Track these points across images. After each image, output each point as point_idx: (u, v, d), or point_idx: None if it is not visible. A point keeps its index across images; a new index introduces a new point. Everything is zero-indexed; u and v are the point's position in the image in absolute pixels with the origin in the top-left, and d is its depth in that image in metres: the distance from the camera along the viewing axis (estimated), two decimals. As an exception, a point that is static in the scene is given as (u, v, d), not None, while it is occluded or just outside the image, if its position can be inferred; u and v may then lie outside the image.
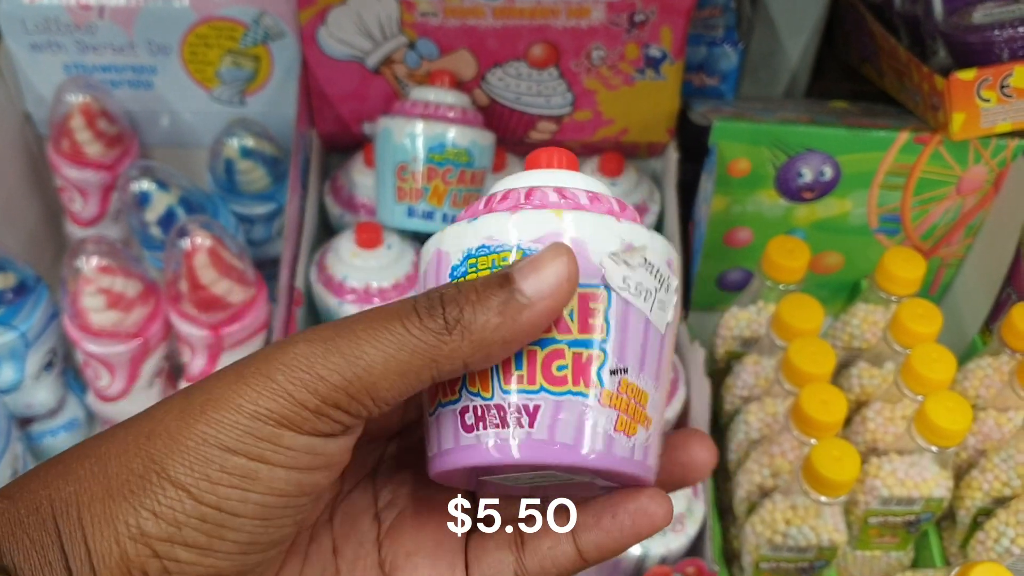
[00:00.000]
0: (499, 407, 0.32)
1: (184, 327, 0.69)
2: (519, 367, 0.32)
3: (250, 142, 0.78)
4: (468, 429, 0.32)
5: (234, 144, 0.78)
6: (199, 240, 0.66)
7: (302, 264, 0.79)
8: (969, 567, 0.55)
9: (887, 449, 0.66)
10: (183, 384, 0.74)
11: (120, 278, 0.66)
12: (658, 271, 0.33)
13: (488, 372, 0.32)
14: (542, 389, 0.32)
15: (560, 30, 0.79)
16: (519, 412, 0.32)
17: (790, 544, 0.63)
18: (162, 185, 0.74)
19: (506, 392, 0.32)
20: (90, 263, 0.66)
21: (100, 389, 0.72)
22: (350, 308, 0.79)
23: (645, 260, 0.33)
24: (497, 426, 0.32)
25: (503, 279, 0.31)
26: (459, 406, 0.32)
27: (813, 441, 0.62)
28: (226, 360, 0.71)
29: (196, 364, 0.71)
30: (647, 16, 0.79)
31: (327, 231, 0.88)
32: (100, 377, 0.72)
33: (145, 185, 0.73)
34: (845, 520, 0.63)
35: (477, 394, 0.32)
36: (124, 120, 0.81)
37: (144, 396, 0.73)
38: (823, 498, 0.60)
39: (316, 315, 0.82)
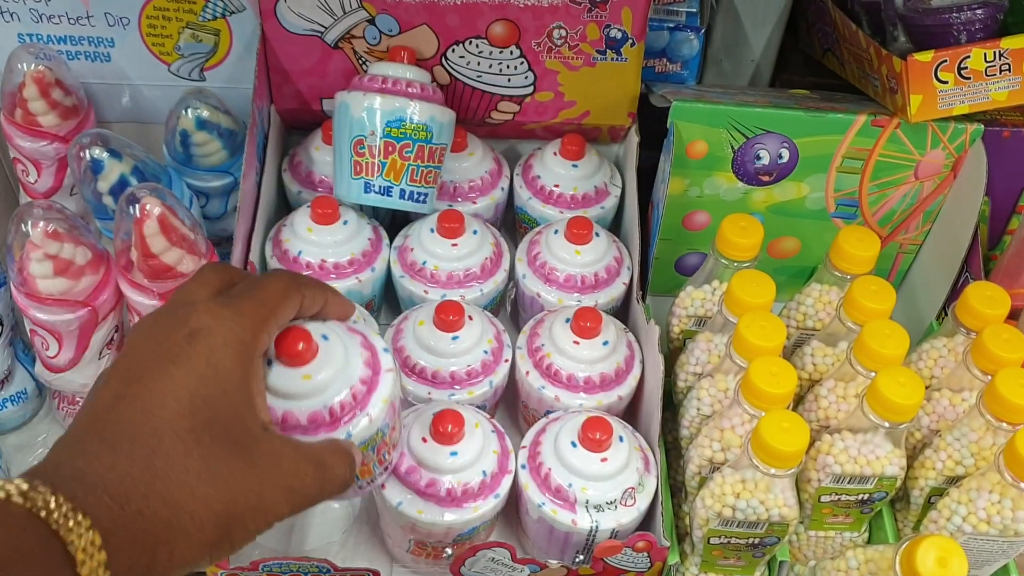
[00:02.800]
0: None
1: (135, 296, 0.68)
2: None
3: (205, 113, 0.78)
4: None
5: (189, 115, 0.77)
6: (148, 207, 0.65)
7: (257, 239, 0.79)
8: (917, 541, 0.55)
9: (839, 427, 0.66)
10: None
11: (69, 244, 0.65)
12: None
13: None
14: None
15: (521, 8, 0.79)
16: None
17: (740, 518, 0.62)
18: (115, 153, 0.72)
19: None
20: (36, 228, 0.65)
21: (48, 359, 0.71)
22: (305, 284, 0.78)
23: None
24: None
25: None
26: None
27: (763, 414, 0.62)
28: None
29: None
30: (608, -4, 0.79)
31: (285, 209, 0.88)
32: (48, 346, 0.70)
33: (97, 152, 0.72)
34: (797, 498, 0.63)
35: None
36: (80, 92, 0.80)
37: (93, 367, 0.71)
38: (772, 470, 0.59)
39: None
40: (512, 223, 0.92)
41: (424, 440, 0.66)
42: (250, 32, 0.82)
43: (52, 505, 0.38)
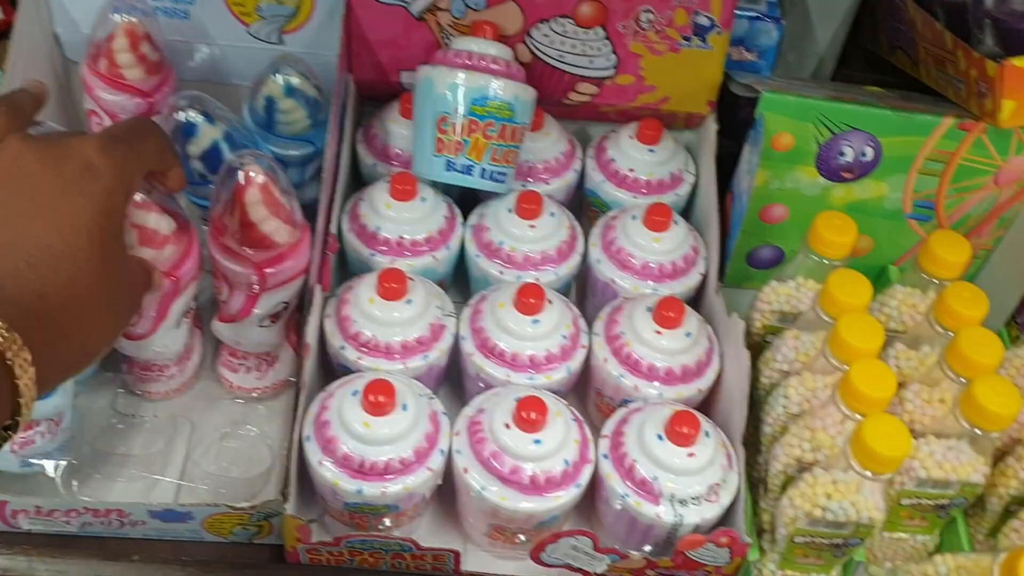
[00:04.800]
0: None
1: (227, 263, 0.67)
2: None
3: (295, 80, 0.76)
4: None
5: (279, 81, 0.76)
6: (253, 174, 0.64)
7: (336, 211, 0.78)
8: (1019, 552, 0.55)
9: (924, 431, 0.66)
10: (215, 324, 0.72)
11: (154, 214, 0.63)
12: None
13: None
14: None
15: (611, -11, 0.78)
16: None
17: (828, 519, 0.62)
18: (209, 118, 0.71)
19: None
20: None
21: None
22: (381, 260, 0.77)
23: None
24: None
25: None
26: None
27: (859, 416, 0.62)
28: (265, 301, 0.69)
29: (234, 302, 0.69)
30: (701, -18, 0.78)
31: (357, 179, 0.86)
32: None
33: (192, 115, 0.70)
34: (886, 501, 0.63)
35: None
36: (164, 49, 0.78)
37: (171, 335, 0.70)
38: (869, 473, 0.59)
39: (346, 263, 0.81)
40: (578, 205, 0.91)
41: (507, 426, 0.66)
42: (333, -2, 0.80)
43: None
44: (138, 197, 0.61)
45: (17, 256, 0.46)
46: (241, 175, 0.63)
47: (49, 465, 0.70)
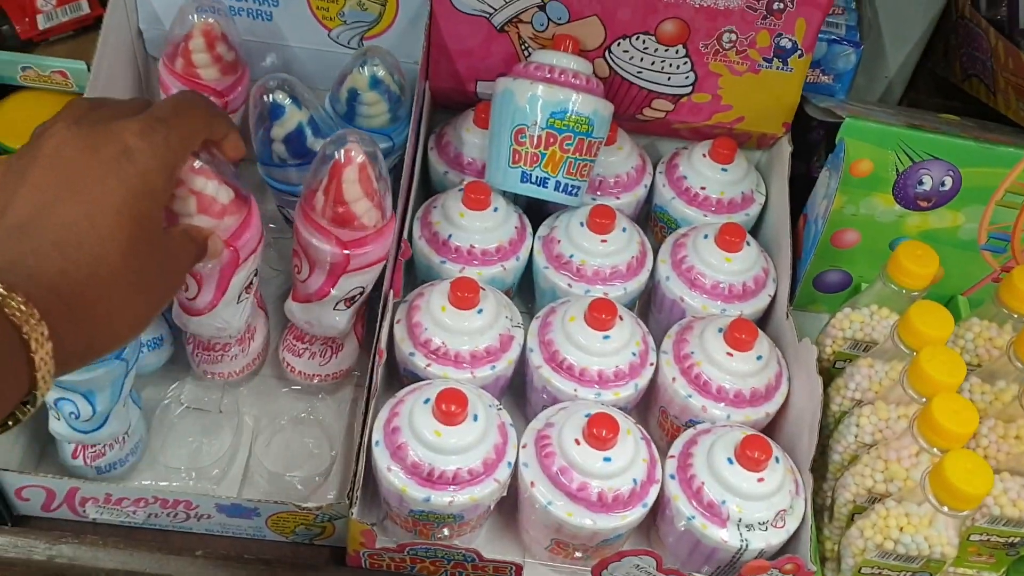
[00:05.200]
0: None
1: (313, 240, 0.67)
2: None
3: (381, 72, 0.76)
4: None
5: (364, 72, 0.76)
6: (354, 153, 0.64)
7: (408, 216, 0.78)
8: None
9: (999, 468, 0.65)
10: (289, 304, 0.73)
11: (213, 182, 0.63)
12: None
13: None
14: None
15: (695, 8, 0.78)
16: None
17: (900, 552, 0.62)
18: (297, 102, 0.72)
19: None
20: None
21: (187, 301, 0.69)
22: (451, 268, 0.77)
23: None
24: None
25: None
26: None
27: (936, 450, 0.61)
28: (344, 283, 0.69)
29: (314, 281, 0.69)
30: (785, 5, 0.77)
31: (426, 186, 0.87)
32: (188, 288, 0.68)
33: (280, 97, 0.71)
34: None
35: None
36: (240, 49, 0.79)
37: (231, 310, 0.70)
38: (946, 509, 0.59)
39: (414, 269, 0.81)
40: (644, 221, 0.91)
41: (577, 442, 0.65)
42: (416, 6, 0.80)
43: (9, 300, 0.43)
44: (197, 164, 0.61)
45: (42, 235, 0.46)
46: (342, 152, 0.64)
47: (123, 471, 0.72)
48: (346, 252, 0.67)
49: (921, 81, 1.08)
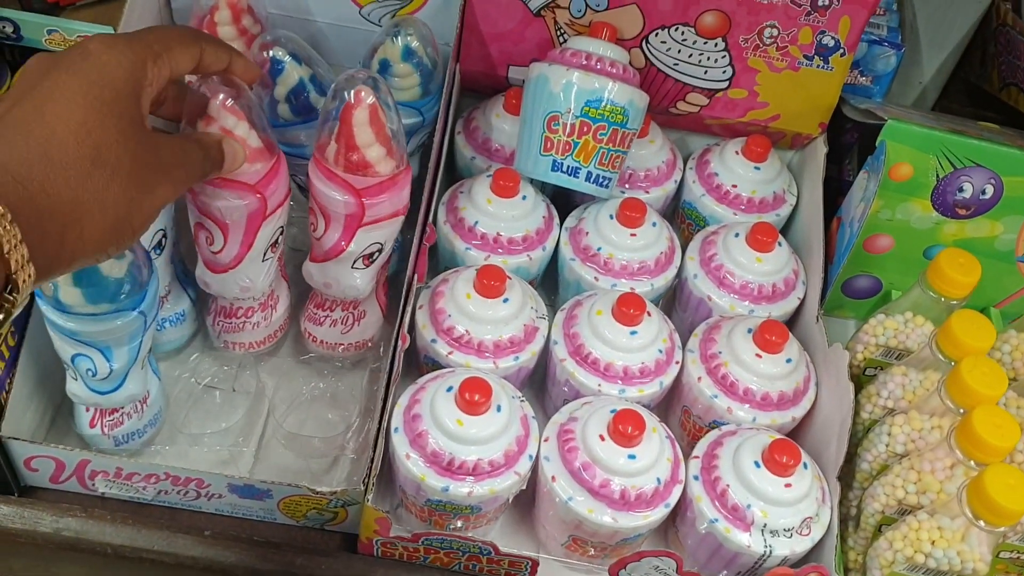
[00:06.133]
0: None
1: (326, 190, 0.65)
2: None
3: (415, 43, 0.74)
4: None
5: (397, 43, 0.74)
6: (363, 95, 0.62)
7: (434, 200, 0.76)
8: None
9: (1033, 485, 0.63)
10: (307, 265, 0.71)
11: (244, 125, 0.61)
12: None
13: None
14: None
15: (738, 1, 0.76)
16: None
17: (931, 566, 0.60)
18: (296, 58, 0.70)
19: None
20: (215, 99, 0.60)
21: (212, 256, 0.68)
22: (476, 255, 0.76)
23: None
24: None
25: None
26: None
27: (974, 464, 0.59)
28: (361, 237, 0.67)
29: (330, 237, 0.67)
30: (831, 2, 0.76)
31: (451, 170, 0.85)
32: (213, 240, 0.67)
33: (280, 53, 0.69)
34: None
35: None
36: (266, 23, 0.77)
37: (256, 268, 0.68)
38: (983, 523, 0.57)
39: (437, 254, 0.79)
40: (671, 216, 0.89)
41: (602, 438, 0.64)
42: (451, -13, 0.79)
43: None
44: (229, 102, 0.60)
45: None
46: (351, 94, 0.62)
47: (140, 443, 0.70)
48: (362, 200, 0.65)
49: (954, 89, 1.06)
